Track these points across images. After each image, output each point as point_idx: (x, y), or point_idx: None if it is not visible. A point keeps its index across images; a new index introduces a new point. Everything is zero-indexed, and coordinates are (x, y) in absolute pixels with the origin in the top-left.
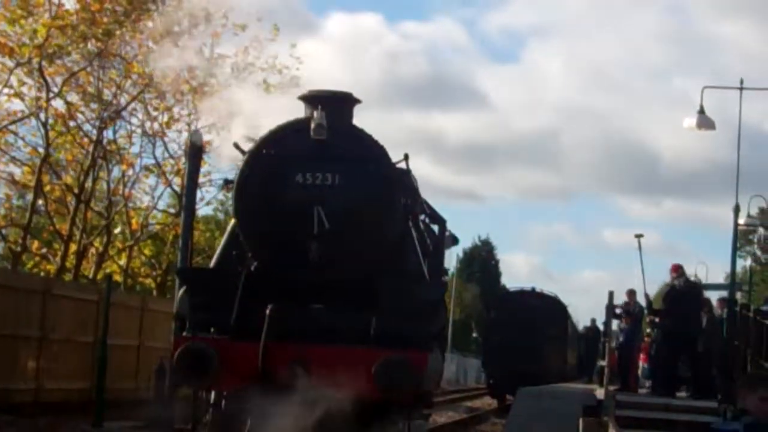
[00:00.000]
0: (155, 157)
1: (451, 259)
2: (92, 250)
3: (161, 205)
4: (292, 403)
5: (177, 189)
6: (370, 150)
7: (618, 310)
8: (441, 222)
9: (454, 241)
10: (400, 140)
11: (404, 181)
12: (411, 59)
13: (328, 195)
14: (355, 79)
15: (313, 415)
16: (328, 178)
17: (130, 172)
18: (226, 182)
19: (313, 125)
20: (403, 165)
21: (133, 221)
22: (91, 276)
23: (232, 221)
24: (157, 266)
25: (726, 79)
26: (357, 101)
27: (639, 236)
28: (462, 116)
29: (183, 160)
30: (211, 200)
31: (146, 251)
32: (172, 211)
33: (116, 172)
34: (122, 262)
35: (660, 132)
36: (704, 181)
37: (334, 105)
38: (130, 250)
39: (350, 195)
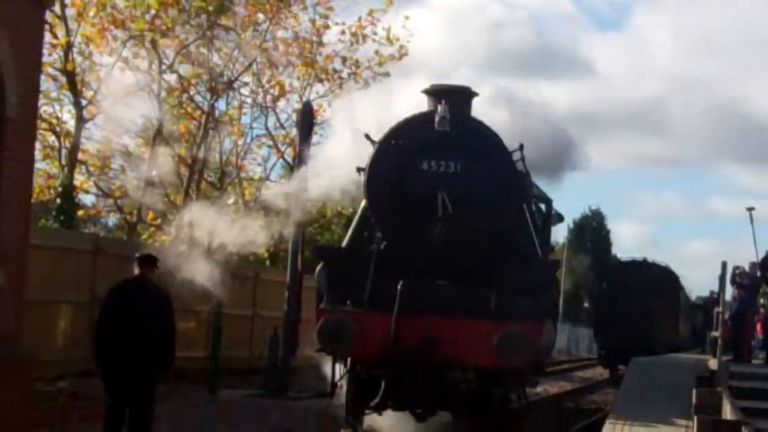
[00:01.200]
0: (267, 128)
1: (557, 234)
2: None
3: (273, 175)
4: (422, 371)
5: (289, 160)
6: (488, 140)
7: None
8: (547, 202)
9: (560, 218)
10: None
11: (518, 169)
12: (516, 29)
13: (451, 181)
14: (461, 50)
15: (440, 382)
16: (450, 166)
17: (242, 142)
18: (358, 170)
19: (437, 118)
20: (517, 155)
21: (246, 192)
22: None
23: (363, 204)
24: (270, 236)
25: None
26: (475, 94)
27: (751, 209)
28: (568, 85)
29: (294, 131)
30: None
31: (259, 221)
32: (284, 182)
33: (228, 143)
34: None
35: None
36: None
37: (455, 98)
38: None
39: (470, 182)
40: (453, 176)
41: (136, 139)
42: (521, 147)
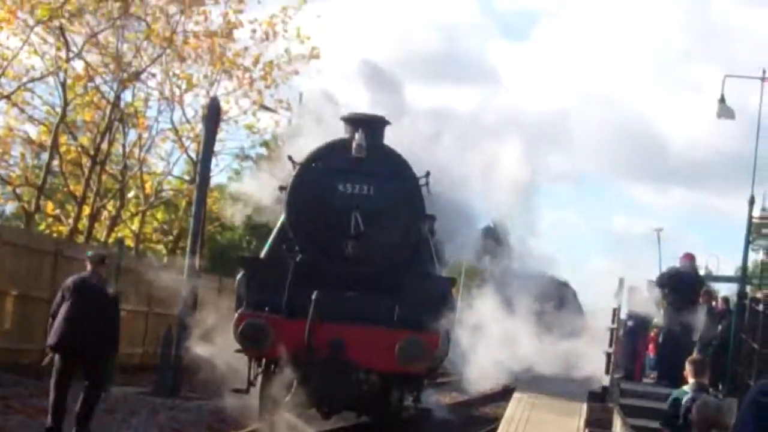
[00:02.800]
0: (172, 122)
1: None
2: (105, 214)
3: (176, 171)
4: (330, 372)
5: (193, 155)
6: (398, 167)
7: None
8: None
9: None
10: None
11: (424, 193)
12: (424, 33)
13: (364, 203)
14: (369, 51)
15: (346, 383)
16: (364, 188)
17: (146, 135)
18: (281, 188)
19: (354, 145)
20: (423, 180)
21: (147, 186)
22: (103, 239)
23: (281, 218)
24: (169, 232)
25: (743, 69)
26: (387, 123)
27: (658, 230)
28: (473, 91)
29: (200, 126)
30: (224, 168)
31: (159, 216)
32: (186, 177)
33: (132, 135)
34: (134, 226)
35: (671, 118)
36: (715, 172)
37: (370, 127)
38: (142, 215)
39: (381, 203)
40: (366, 197)
41: (39, 127)
42: (427, 174)
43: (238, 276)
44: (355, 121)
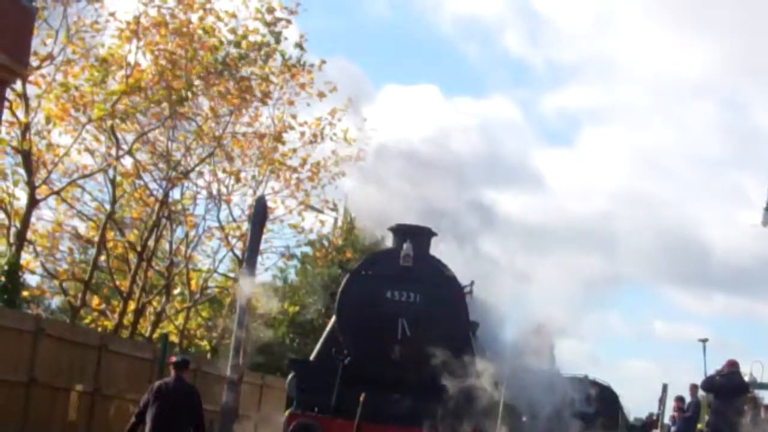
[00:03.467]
0: (219, 220)
1: None
2: (150, 309)
3: (221, 268)
4: None
5: (239, 253)
6: (444, 276)
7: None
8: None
9: None
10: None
11: (468, 301)
12: (464, 134)
13: (410, 309)
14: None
15: None
16: (411, 296)
17: (193, 233)
18: (331, 294)
19: (402, 254)
20: (468, 288)
21: (193, 282)
22: (147, 334)
23: (331, 322)
24: (213, 329)
25: None
26: (434, 234)
27: (704, 340)
28: (516, 196)
29: (246, 225)
30: (270, 267)
31: (203, 313)
32: (231, 275)
33: (179, 232)
34: (179, 322)
35: (713, 225)
36: (757, 279)
37: (417, 237)
38: (187, 311)
39: (427, 311)
40: (412, 305)
41: (87, 223)
42: (472, 283)
43: (289, 377)
44: (403, 232)
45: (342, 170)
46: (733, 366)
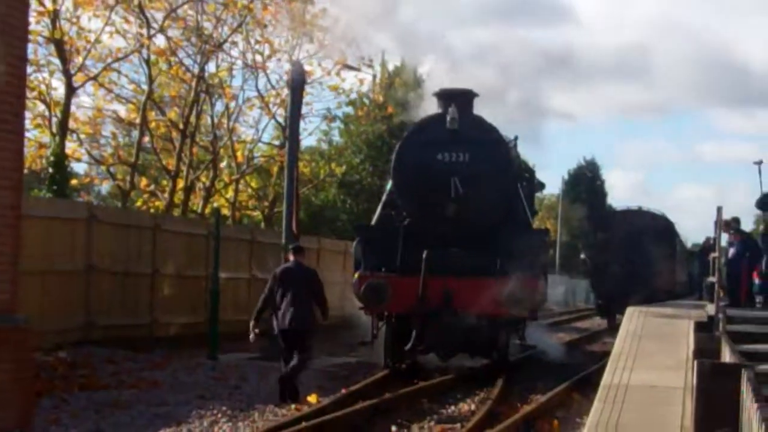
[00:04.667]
0: (258, 90)
1: (554, 186)
2: (199, 185)
3: (265, 137)
4: (444, 321)
5: (281, 120)
6: (489, 134)
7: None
8: (530, 172)
9: (542, 186)
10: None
11: (513, 155)
12: None
13: (461, 169)
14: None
15: (458, 329)
16: (460, 156)
17: (233, 105)
18: (388, 162)
19: (448, 118)
20: (512, 142)
21: (239, 154)
22: (199, 210)
23: (388, 187)
24: (263, 198)
25: None
26: (476, 95)
27: (758, 163)
28: (548, 32)
29: (285, 91)
30: (313, 131)
31: (253, 184)
32: (276, 143)
33: (219, 106)
34: (229, 195)
35: (750, 41)
36: None
37: (460, 101)
38: (236, 183)
39: (476, 168)
40: (462, 164)
41: (127, 105)
42: (516, 138)
43: (355, 242)
44: (447, 97)
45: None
46: None
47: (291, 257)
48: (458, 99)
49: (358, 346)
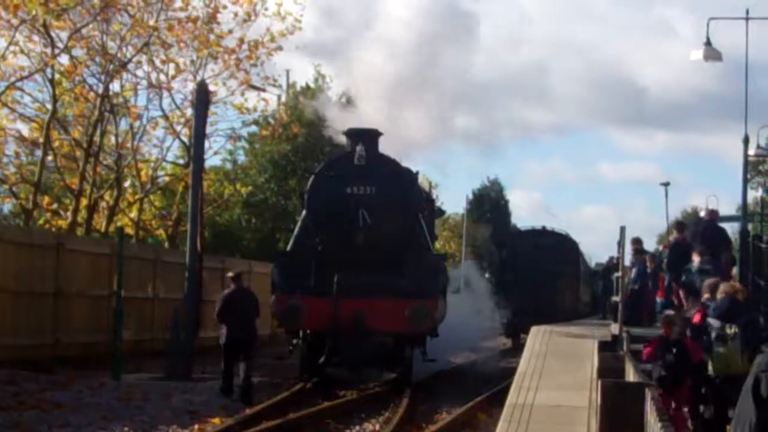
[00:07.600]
0: (162, 109)
1: (456, 205)
2: (103, 204)
3: (170, 156)
4: (354, 338)
5: (185, 140)
6: (393, 169)
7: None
8: (431, 201)
9: (441, 213)
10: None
11: (414, 187)
12: None
13: (368, 201)
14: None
15: (367, 345)
16: (367, 189)
17: (138, 124)
18: (301, 193)
19: (356, 156)
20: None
21: (143, 173)
22: (102, 230)
23: (302, 216)
24: (168, 218)
25: (703, 11)
26: (381, 134)
27: (665, 184)
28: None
29: (190, 111)
30: (218, 150)
31: (156, 203)
32: (181, 162)
33: (124, 125)
34: (133, 214)
35: (647, 63)
36: (694, 113)
37: (368, 139)
38: (140, 203)
39: (381, 200)
40: (369, 197)
41: (30, 125)
42: (416, 173)
43: (272, 266)
44: (355, 135)
45: (279, 45)
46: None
47: (232, 284)
48: (365, 137)
49: (274, 360)
